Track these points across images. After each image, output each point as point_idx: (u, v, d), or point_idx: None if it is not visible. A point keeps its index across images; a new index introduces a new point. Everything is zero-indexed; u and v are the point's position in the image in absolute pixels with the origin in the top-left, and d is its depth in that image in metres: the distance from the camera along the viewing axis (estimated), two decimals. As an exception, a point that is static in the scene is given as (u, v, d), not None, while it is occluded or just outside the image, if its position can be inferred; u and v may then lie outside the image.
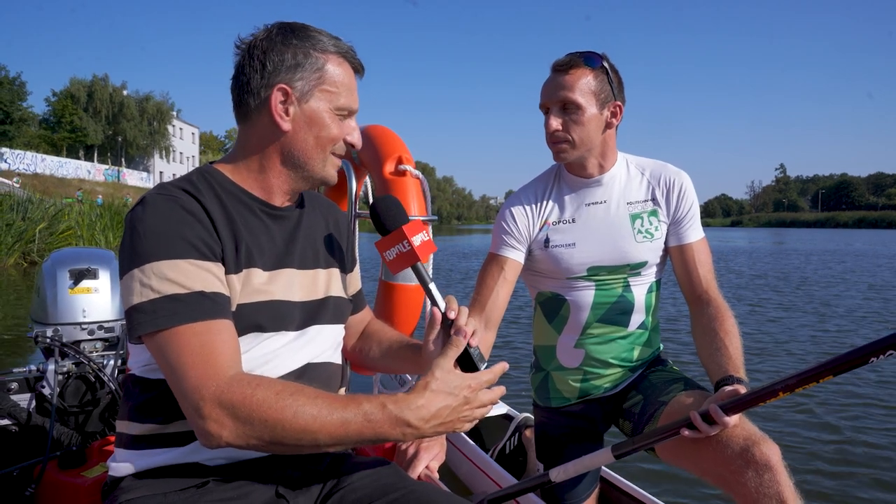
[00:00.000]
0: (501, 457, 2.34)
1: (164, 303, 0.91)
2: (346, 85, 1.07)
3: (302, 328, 1.09)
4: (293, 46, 1.03)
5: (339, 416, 0.86)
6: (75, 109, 55.10)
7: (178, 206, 0.97)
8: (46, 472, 1.65)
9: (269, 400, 0.85)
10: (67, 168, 47.35)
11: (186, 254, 0.94)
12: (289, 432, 0.85)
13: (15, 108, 47.38)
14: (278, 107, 1.03)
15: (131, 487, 0.99)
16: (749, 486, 1.22)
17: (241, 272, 1.01)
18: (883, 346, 1.07)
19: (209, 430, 0.85)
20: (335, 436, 0.86)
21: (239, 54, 1.06)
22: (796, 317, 8.11)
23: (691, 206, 1.62)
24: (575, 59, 1.50)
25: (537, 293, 1.72)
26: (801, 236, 55.77)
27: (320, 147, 1.07)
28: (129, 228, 0.96)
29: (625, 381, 1.68)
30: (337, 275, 1.20)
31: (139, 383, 1.02)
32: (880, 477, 3.08)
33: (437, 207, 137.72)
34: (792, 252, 24.91)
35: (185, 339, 0.89)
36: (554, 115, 1.52)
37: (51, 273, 2.11)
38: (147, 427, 1.00)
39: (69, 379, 1.94)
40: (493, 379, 0.97)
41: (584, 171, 1.61)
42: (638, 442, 1.40)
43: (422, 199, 2.10)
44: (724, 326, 1.47)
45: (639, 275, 1.63)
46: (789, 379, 1.19)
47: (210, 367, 0.87)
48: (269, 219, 1.09)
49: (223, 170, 1.09)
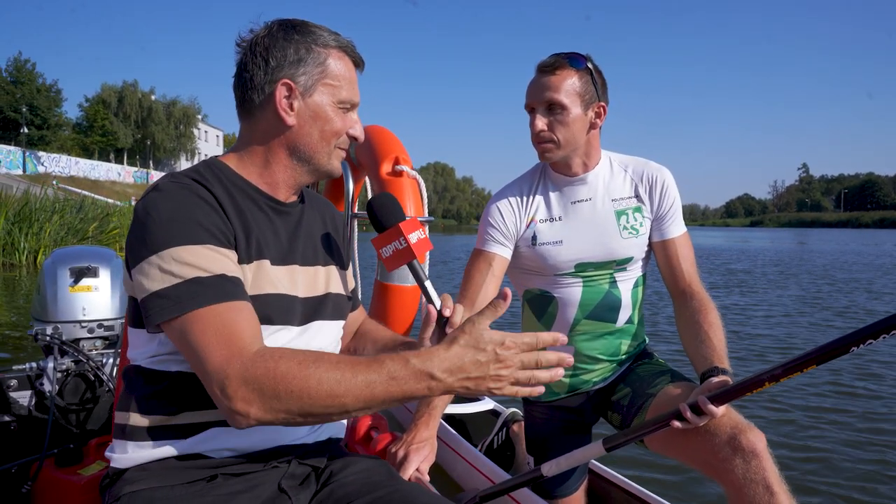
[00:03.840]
0: (489, 451, 2.34)
1: (187, 286, 0.90)
2: (348, 78, 1.08)
3: (304, 324, 1.10)
4: (295, 42, 1.03)
5: (363, 378, 0.85)
6: (106, 114, 57.06)
7: (193, 193, 0.97)
8: (43, 470, 1.65)
9: (292, 370, 0.84)
10: (99, 171, 49.11)
11: (205, 239, 0.93)
12: (315, 400, 0.84)
13: (51, 115, 49.77)
14: (283, 101, 1.03)
15: (135, 479, 0.98)
16: (736, 473, 1.25)
17: (253, 263, 1.01)
18: (862, 336, 1.10)
19: (237, 408, 0.84)
20: (362, 398, 0.84)
21: (241, 52, 1.06)
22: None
23: (673, 201, 1.64)
24: (560, 60, 1.51)
25: (524, 291, 1.73)
26: (822, 237, 54.67)
27: (325, 140, 1.07)
28: (143, 215, 0.94)
29: (613, 374, 1.70)
30: (336, 272, 1.21)
31: (143, 374, 1.02)
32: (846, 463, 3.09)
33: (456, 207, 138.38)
34: (808, 255, 23.78)
35: (207, 320, 0.88)
36: (539, 115, 1.53)
37: (51, 271, 2.10)
38: (153, 419, 0.99)
39: (68, 377, 1.93)
40: (533, 343, 0.87)
41: (568, 170, 1.62)
42: (629, 434, 1.42)
43: (419, 199, 2.09)
44: (707, 319, 1.50)
45: (624, 270, 1.64)
46: (775, 369, 1.22)
47: (234, 345, 0.87)
48: (274, 213, 1.09)
49: (229, 163, 1.09)
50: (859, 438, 3.45)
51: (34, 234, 12.86)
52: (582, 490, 1.76)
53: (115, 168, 52.26)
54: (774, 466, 1.26)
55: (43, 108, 48.63)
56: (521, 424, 2.30)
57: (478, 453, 2.06)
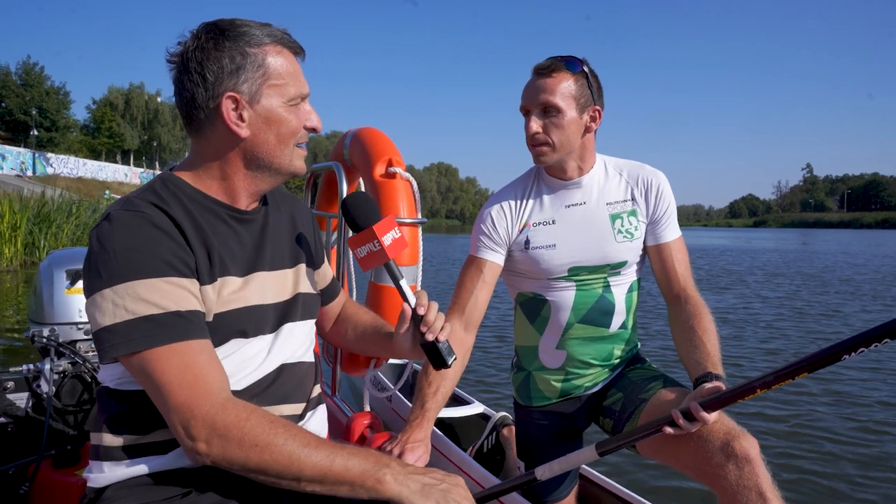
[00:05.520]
0: (479, 456, 2.32)
1: (139, 324, 0.89)
2: (291, 72, 1.03)
3: (276, 329, 1.09)
4: (227, 49, 0.98)
5: (326, 451, 0.87)
6: (113, 116, 57.65)
7: (148, 222, 0.94)
8: (40, 471, 1.65)
9: (262, 426, 0.87)
10: (106, 172, 49.63)
11: (160, 272, 0.91)
12: (275, 459, 0.86)
13: (60, 117, 50.37)
14: (231, 115, 0.99)
15: (114, 498, 0.98)
16: (730, 479, 1.25)
17: (217, 281, 1.00)
18: (854, 344, 1.11)
19: (197, 448, 0.86)
20: (319, 467, 0.87)
21: (174, 69, 1.01)
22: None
23: (668, 205, 1.64)
24: (556, 63, 1.51)
25: (517, 294, 1.72)
26: (825, 237, 54.74)
27: (283, 143, 1.04)
28: (98, 246, 0.92)
29: (605, 379, 1.69)
30: (304, 271, 1.20)
31: (113, 395, 1.01)
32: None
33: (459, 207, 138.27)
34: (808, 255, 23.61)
35: (165, 360, 0.88)
36: (534, 117, 1.53)
37: (48, 273, 2.10)
38: (126, 438, 0.99)
39: (65, 378, 1.94)
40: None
41: (563, 174, 1.62)
42: (622, 439, 1.42)
43: (412, 201, 2.10)
44: (701, 324, 1.49)
45: (619, 274, 1.63)
46: (767, 377, 1.22)
47: (199, 387, 0.87)
48: (237, 223, 1.07)
49: (185, 177, 1.05)
50: (852, 445, 3.53)
51: (53, 233, 13.60)
52: (573, 495, 1.75)
53: (122, 169, 52.79)
54: (767, 473, 1.26)
55: (52, 110, 49.24)
56: (511, 429, 2.29)
57: (468, 457, 2.05)
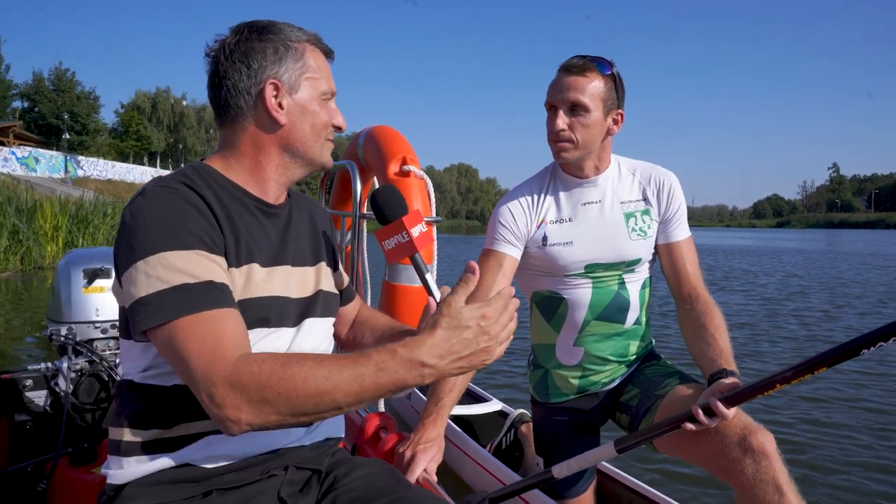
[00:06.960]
0: (498, 452, 2.33)
1: (173, 293, 0.88)
2: (325, 70, 1.10)
3: (298, 323, 1.11)
4: (271, 41, 1.04)
5: (350, 372, 0.84)
6: (141, 119, 59.13)
7: (181, 198, 0.95)
8: (58, 468, 1.66)
9: (276, 372, 0.83)
10: (134, 174, 50.74)
11: (193, 245, 0.92)
12: (304, 399, 0.83)
13: (90, 121, 51.97)
14: (272, 101, 1.03)
15: (133, 496, 0.97)
16: (747, 473, 1.27)
17: (243, 267, 1.01)
18: (873, 339, 1.11)
19: (228, 415, 0.83)
20: (352, 392, 0.83)
21: (213, 61, 1.06)
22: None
23: (679, 205, 1.67)
24: (588, 62, 1.53)
25: (533, 293, 1.74)
26: (846, 238, 52.67)
27: (316, 134, 1.09)
28: (131, 221, 0.93)
29: (621, 375, 1.70)
30: (325, 270, 1.22)
31: (136, 390, 1.01)
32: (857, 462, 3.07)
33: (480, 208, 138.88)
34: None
35: (192, 328, 0.87)
36: (561, 114, 1.54)
37: (65, 272, 2.12)
38: (148, 433, 0.98)
39: (82, 376, 1.96)
40: (504, 301, 0.93)
41: (580, 172, 1.64)
42: (640, 436, 1.42)
43: (426, 199, 2.10)
44: (713, 322, 1.51)
45: (633, 272, 1.66)
46: (786, 371, 1.23)
47: (217, 352, 0.85)
48: (264, 216, 1.09)
49: (216, 167, 1.08)
50: (868, 438, 3.44)
51: (90, 233, 14.39)
52: (591, 490, 1.76)
53: (150, 171, 53.86)
54: (784, 467, 1.27)
55: (82, 114, 50.69)
56: (529, 426, 2.30)
57: (487, 454, 2.06)
